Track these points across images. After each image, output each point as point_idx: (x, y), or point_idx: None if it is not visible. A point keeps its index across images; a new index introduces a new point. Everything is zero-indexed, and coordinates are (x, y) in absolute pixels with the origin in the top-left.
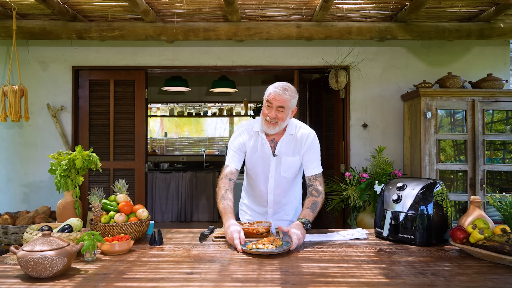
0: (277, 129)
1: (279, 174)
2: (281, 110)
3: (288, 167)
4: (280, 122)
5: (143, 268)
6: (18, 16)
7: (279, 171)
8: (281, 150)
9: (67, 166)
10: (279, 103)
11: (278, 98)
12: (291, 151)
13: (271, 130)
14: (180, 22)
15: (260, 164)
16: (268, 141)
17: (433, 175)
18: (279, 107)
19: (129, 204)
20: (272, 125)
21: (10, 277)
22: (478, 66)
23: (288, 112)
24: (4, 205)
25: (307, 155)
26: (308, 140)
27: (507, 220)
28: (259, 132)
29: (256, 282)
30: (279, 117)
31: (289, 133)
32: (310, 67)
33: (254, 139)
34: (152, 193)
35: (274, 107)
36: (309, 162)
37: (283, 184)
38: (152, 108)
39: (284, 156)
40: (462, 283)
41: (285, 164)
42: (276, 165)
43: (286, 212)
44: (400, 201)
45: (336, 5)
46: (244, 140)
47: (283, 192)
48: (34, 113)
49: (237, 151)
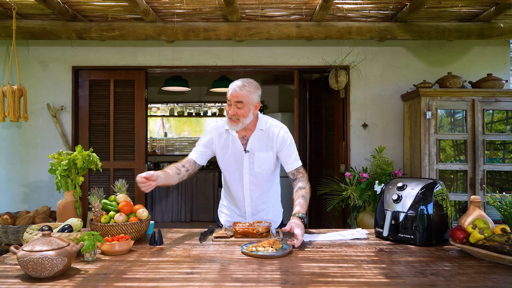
0: (239, 126)
1: (253, 170)
2: (240, 106)
3: (262, 163)
4: (241, 118)
5: (143, 268)
6: (18, 16)
7: (253, 167)
8: (253, 146)
9: (67, 166)
10: (236, 98)
11: (235, 94)
12: (264, 146)
13: (234, 127)
14: (180, 22)
15: (233, 162)
16: (239, 138)
17: (433, 175)
18: (237, 103)
19: (129, 204)
20: (234, 122)
21: (10, 277)
22: (478, 66)
23: (249, 107)
24: (4, 205)
25: (282, 151)
26: (280, 136)
27: (507, 220)
28: (229, 130)
29: (256, 282)
30: (239, 113)
31: (260, 128)
32: (310, 67)
33: (225, 137)
34: (152, 193)
35: (232, 103)
36: (286, 157)
37: (258, 181)
38: (152, 108)
39: (257, 152)
40: (462, 283)
41: (258, 160)
42: (249, 161)
43: (265, 212)
44: (400, 201)
45: (336, 5)
46: (213, 137)
47: (260, 189)
48: (34, 113)
49: (202, 146)
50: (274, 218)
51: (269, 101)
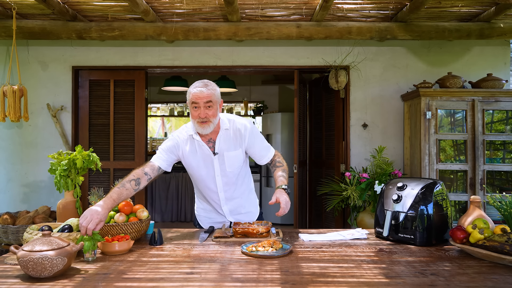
0: (211, 127)
1: (225, 171)
2: (209, 105)
3: (232, 162)
4: (212, 119)
5: (143, 268)
6: (18, 16)
7: (224, 168)
8: (222, 147)
9: (67, 166)
10: (206, 99)
11: (203, 95)
12: (232, 145)
13: (206, 130)
14: (180, 22)
15: (204, 167)
16: (205, 142)
17: (433, 175)
18: (206, 103)
19: (129, 204)
20: (206, 124)
21: (10, 277)
22: (478, 66)
23: (217, 106)
24: (4, 205)
25: (253, 147)
26: (247, 132)
27: (507, 220)
28: (193, 135)
29: (256, 282)
30: (209, 114)
31: (224, 128)
32: (310, 67)
33: (190, 143)
34: (152, 193)
35: (201, 105)
36: (261, 150)
37: (231, 180)
38: (152, 108)
39: (226, 152)
40: (462, 283)
41: (229, 160)
42: (220, 163)
43: (241, 205)
44: (400, 201)
45: (336, 5)
46: (178, 143)
47: (233, 186)
48: (34, 113)
49: (166, 152)
50: (252, 209)
51: (269, 101)
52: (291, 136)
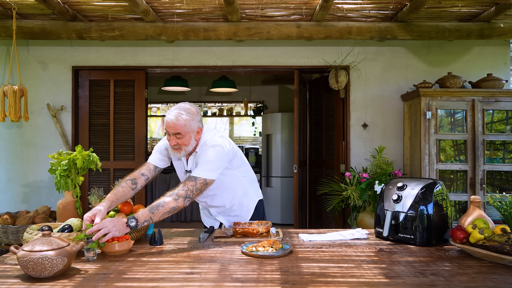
0: (182, 153)
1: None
2: (179, 137)
3: None
4: (183, 147)
5: (143, 268)
6: (18, 16)
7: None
8: (191, 166)
9: (67, 166)
10: (174, 130)
11: (172, 125)
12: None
13: (177, 155)
14: (180, 22)
15: (181, 178)
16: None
17: (433, 175)
18: (175, 134)
19: (129, 204)
20: (177, 150)
21: (10, 277)
22: (478, 66)
23: (190, 135)
24: (4, 205)
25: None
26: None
27: (507, 220)
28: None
29: (256, 282)
30: (179, 143)
31: (196, 151)
32: (310, 67)
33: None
34: (152, 193)
35: (171, 134)
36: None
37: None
38: (152, 108)
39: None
40: (462, 283)
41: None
42: None
43: (231, 209)
44: (400, 201)
45: (336, 5)
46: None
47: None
48: (34, 113)
49: (158, 152)
50: (242, 214)
51: (269, 101)
52: (291, 136)
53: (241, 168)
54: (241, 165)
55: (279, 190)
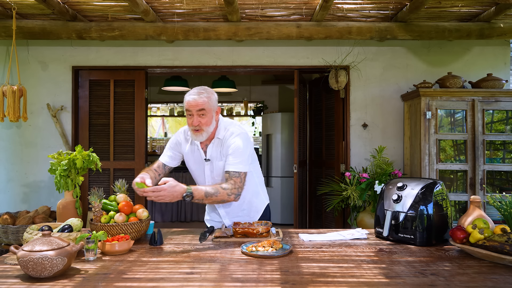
0: (204, 135)
1: (214, 179)
2: (202, 113)
3: (220, 171)
4: (205, 127)
5: (143, 268)
6: (18, 16)
7: (213, 176)
8: (212, 155)
9: (67, 166)
10: (198, 107)
11: (195, 103)
12: (219, 155)
13: (199, 138)
14: (180, 22)
15: (197, 169)
16: (202, 147)
17: (433, 175)
18: (199, 111)
19: (129, 204)
20: (198, 132)
21: (10, 277)
22: (478, 66)
23: (211, 114)
24: (4, 205)
25: (227, 156)
26: (229, 142)
27: (507, 220)
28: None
29: (256, 282)
30: (202, 122)
31: (217, 137)
32: (310, 67)
33: (190, 143)
34: None
35: (194, 113)
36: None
37: None
38: (152, 108)
39: (215, 160)
40: (462, 283)
41: (217, 168)
42: (210, 170)
43: (240, 207)
44: (400, 201)
45: (336, 5)
46: (180, 141)
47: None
48: (34, 113)
49: (171, 149)
50: (252, 214)
51: (269, 101)
52: (291, 136)
53: (254, 163)
54: (254, 159)
55: (279, 190)
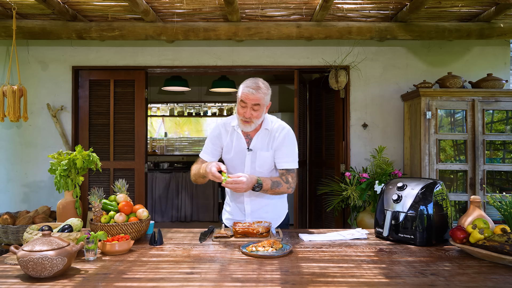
0: (252, 126)
1: (254, 169)
2: (256, 109)
3: (263, 162)
4: (255, 120)
5: (143, 268)
6: (18, 16)
7: (254, 166)
8: (256, 145)
9: (67, 166)
10: (254, 101)
11: (252, 97)
12: (266, 145)
13: (247, 128)
14: (180, 22)
15: (236, 158)
16: (244, 136)
17: (433, 175)
18: (254, 105)
19: (129, 204)
20: (248, 123)
21: (10, 277)
22: (478, 66)
23: (263, 109)
24: (4, 205)
25: (279, 150)
26: (280, 135)
27: (507, 220)
28: (235, 127)
29: (256, 282)
30: (254, 115)
31: (265, 128)
32: (310, 67)
33: (231, 133)
34: (152, 193)
35: (249, 106)
36: (281, 157)
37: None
38: (152, 108)
39: (259, 151)
40: (462, 283)
41: (260, 159)
42: (251, 160)
43: (265, 210)
44: (400, 201)
45: (336, 5)
46: (221, 132)
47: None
48: (34, 113)
49: (213, 144)
50: (274, 217)
51: None
52: None
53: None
54: None
55: None
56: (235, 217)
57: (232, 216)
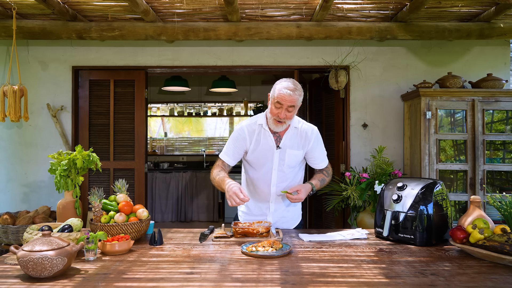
0: (284, 127)
1: (283, 167)
2: (291, 110)
3: (292, 160)
4: (288, 121)
5: (143, 268)
6: (18, 16)
7: (283, 164)
8: (286, 143)
9: (67, 166)
10: (290, 103)
11: (289, 99)
12: (296, 144)
13: (279, 128)
14: (180, 22)
15: (263, 157)
16: (272, 133)
17: (433, 175)
18: (289, 107)
19: (129, 204)
20: (281, 124)
21: (10, 277)
22: (478, 66)
23: (296, 110)
24: (4, 205)
25: (313, 151)
26: (313, 136)
27: (507, 220)
28: (262, 125)
29: (256, 282)
30: (288, 116)
31: (294, 126)
32: (310, 67)
33: (258, 132)
34: (152, 193)
35: (284, 107)
36: (318, 158)
37: (286, 177)
38: (152, 108)
39: (289, 149)
40: (462, 283)
41: (289, 157)
42: (280, 158)
43: (287, 209)
44: (400, 201)
45: (336, 5)
46: (245, 136)
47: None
48: (34, 113)
49: (235, 146)
50: (294, 217)
51: None
52: None
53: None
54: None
55: None
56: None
57: (250, 212)
